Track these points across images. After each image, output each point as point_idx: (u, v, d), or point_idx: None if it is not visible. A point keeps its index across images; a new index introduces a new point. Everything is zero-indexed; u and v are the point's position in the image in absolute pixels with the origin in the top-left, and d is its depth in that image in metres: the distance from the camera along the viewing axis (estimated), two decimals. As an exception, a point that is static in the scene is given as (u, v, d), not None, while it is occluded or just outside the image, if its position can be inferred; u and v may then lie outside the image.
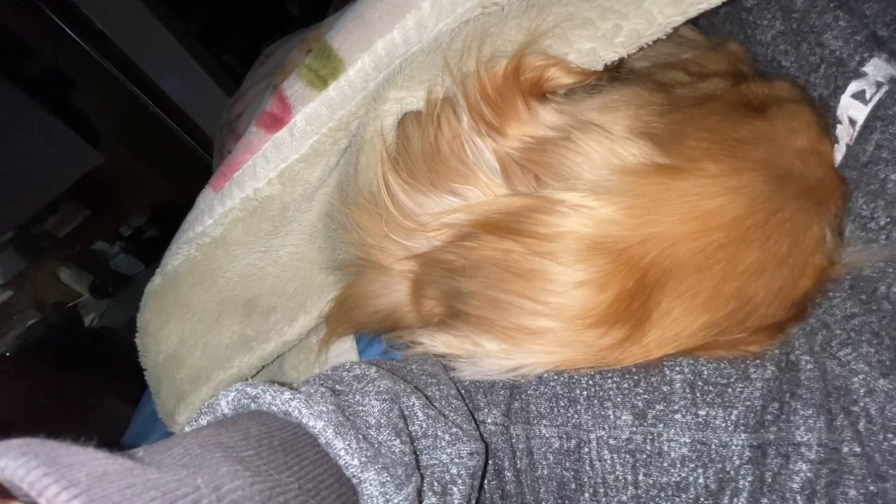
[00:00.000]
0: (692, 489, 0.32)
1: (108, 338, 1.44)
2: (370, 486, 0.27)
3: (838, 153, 0.38)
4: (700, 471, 0.32)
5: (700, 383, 0.34)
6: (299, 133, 0.45)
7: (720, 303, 0.34)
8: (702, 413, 0.33)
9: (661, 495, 0.33)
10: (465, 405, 0.39)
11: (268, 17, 1.92)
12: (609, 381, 0.35)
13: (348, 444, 0.28)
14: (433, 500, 0.32)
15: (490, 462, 0.38)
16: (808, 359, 0.33)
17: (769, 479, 0.31)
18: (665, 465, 0.33)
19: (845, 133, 0.38)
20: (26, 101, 1.17)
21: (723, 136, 0.36)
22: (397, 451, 0.30)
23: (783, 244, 0.34)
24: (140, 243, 1.59)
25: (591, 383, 0.36)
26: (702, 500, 0.32)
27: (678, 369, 0.34)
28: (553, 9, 0.40)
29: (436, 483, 0.32)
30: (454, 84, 0.39)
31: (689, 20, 0.38)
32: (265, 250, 0.51)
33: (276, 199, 0.47)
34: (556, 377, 0.37)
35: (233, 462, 0.23)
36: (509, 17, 0.40)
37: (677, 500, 0.32)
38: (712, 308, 0.34)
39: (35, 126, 1.19)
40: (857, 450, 0.29)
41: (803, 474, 0.30)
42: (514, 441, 0.37)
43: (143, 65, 1.42)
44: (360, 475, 0.27)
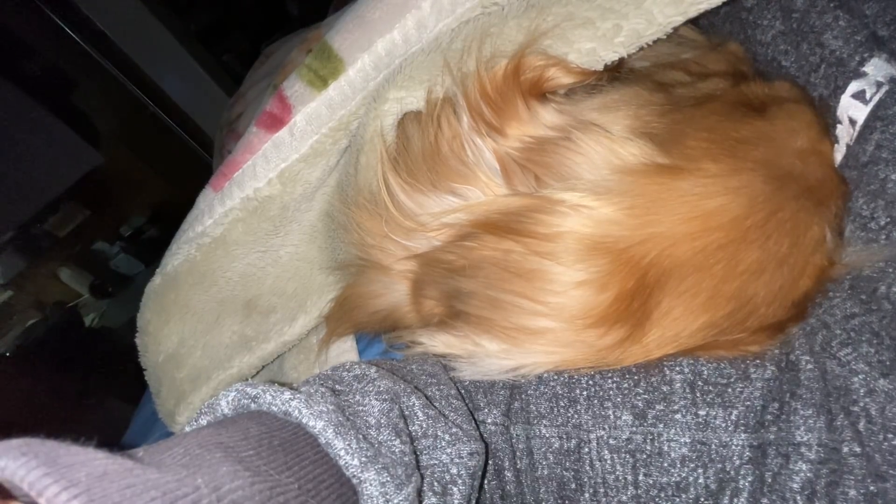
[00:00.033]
0: (692, 489, 0.32)
1: (108, 338, 1.44)
2: (370, 486, 0.27)
3: (838, 153, 0.38)
4: (700, 471, 0.32)
5: (700, 383, 0.34)
6: (299, 133, 0.45)
7: (720, 303, 0.34)
8: (702, 413, 0.33)
9: (662, 495, 0.33)
10: (465, 405, 0.39)
11: (268, 17, 1.92)
12: (609, 381, 0.35)
13: (348, 444, 0.28)
14: (433, 500, 0.32)
15: (490, 462, 0.38)
16: (808, 359, 0.33)
17: (769, 479, 0.30)
18: (665, 465, 0.33)
19: (845, 133, 0.38)
20: (26, 101, 1.17)
21: (723, 136, 0.36)
22: (397, 451, 0.30)
23: (783, 244, 0.34)
24: (140, 243, 1.59)
25: (591, 383, 0.36)
26: (702, 500, 0.32)
27: (678, 369, 0.34)
28: (553, 9, 0.40)
29: (436, 483, 0.32)
30: (454, 84, 0.39)
31: (690, 20, 0.38)
32: (265, 250, 0.51)
33: (276, 198, 0.47)
34: (556, 377, 0.37)
35: (233, 462, 0.23)
36: (509, 17, 0.40)
37: (677, 500, 0.32)
38: (712, 308, 0.34)
39: (35, 126, 1.19)
40: (858, 450, 0.29)
41: (803, 474, 0.30)
42: (514, 441, 0.37)
43: (143, 65, 1.42)
44: (360, 475, 0.27)
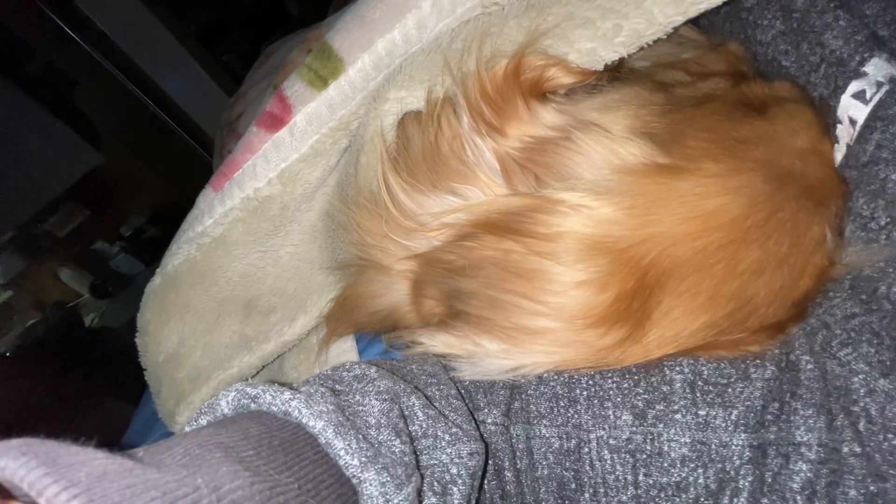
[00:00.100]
0: (692, 489, 0.32)
1: (108, 338, 1.44)
2: (370, 486, 0.27)
3: (839, 153, 0.38)
4: (700, 471, 0.32)
5: (700, 383, 0.34)
6: (299, 133, 0.45)
7: (720, 303, 0.34)
8: (702, 413, 0.33)
9: (662, 495, 0.33)
10: (465, 405, 0.39)
11: (268, 17, 1.92)
12: (609, 381, 0.35)
13: (348, 444, 0.28)
14: (433, 500, 0.32)
15: (490, 462, 0.38)
16: (808, 359, 0.33)
17: (769, 479, 0.30)
18: (665, 465, 0.32)
19: (845, 133, 0.38)
20: (26, 101, 1.17)
21: (723, 136, 0.36)
22: (397, 451, 0.30)
23: (783, 244, 0.34)
24: (140, 243, 1.59)
25: (591, 383, 0.36)
26: (702, 500, 0.32)
27: (678, 369, 0.34)
28: (553, 8, 0.40)
29: (436, 483, 0.32)
30: (454, 84, 0.39)
31: (690, 20, 0.38)
32: (265, 250, 0.51)
33: (277, 198, 0.47)
34: (556, 377, 0.37)
35: (233, 462, 0.23)
36: (510, 16, 0.40)
37: (677, 500, 0.32)
38: (712, 308, 0.34)
39: (35, 126, 1.19)
40: (858, 450, 0.29)
41: (803, 474, 0.30)
42: (514, 441, 0.37)
43: (143, 65, 1.42)
44: (360, 475, 0.27)
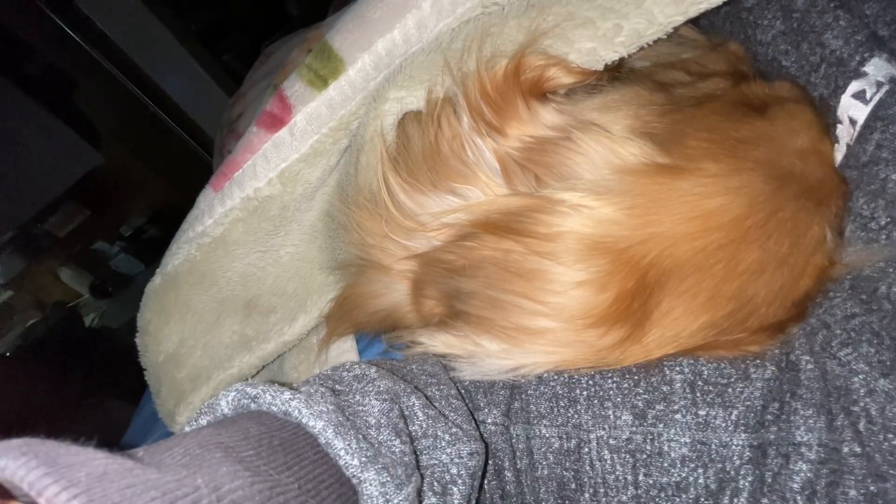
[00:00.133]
0: (692, 489, 0.32)
1: (108, 338, 1.45)
2: (370, 486, 0.27)
3: (839, 153, 0.38)
4: (700, 471, 0.32)
5: (700, 383, 0.34)
6: (299, 133, 0.45)
7: (720, 303, 0.34)
8: (702, 413, 0.33)
9: (662, 495, 0.33)
10: (465, 405, 0.39)
11: (268, 17, 1.92)
12: (609, 381, 0.35)
13: (348, 444, 0.28)
14: (433, 500, 0.32)
15: (490, 462, 0.38)
16: (808, 359, 0.33)
17: (769, 479, 0.30)
18: (665, 465, 0.32)
19: (846, 133, 0.38)
20: (26, 101, 1.17)
21: (723, 136, 0.36)
22: (397, 451, 0.30)
23: (783, 244, 0.34)
24: (140, 243, 1.59)
25: (591, 383, 0.36)
26: (702, 500, 0.32)
27: (678, 369, 0.34)
28: (553, 8, 0.40)
29: (436, 483, 0.32)
30: (454, 84, 0.39)
31: (690, 20, 0.38)
32: (265, 250, 0.51)
33: (277, 198, 0.47)
34: (556, 377, 0.37)
35: (233, 462, 0.23)
36: (510, 16, 0.40)
37: (677, 500, 0.32)
38: (712, 308, 0.34)
39: (35, 126, 1.19)
40: (858, 450, 0.29)
41: (803, 474, 0.30)
42: (514, 441, 0.37)
43: (143, 65, 1.42)
44: (360, 475, 0.27)
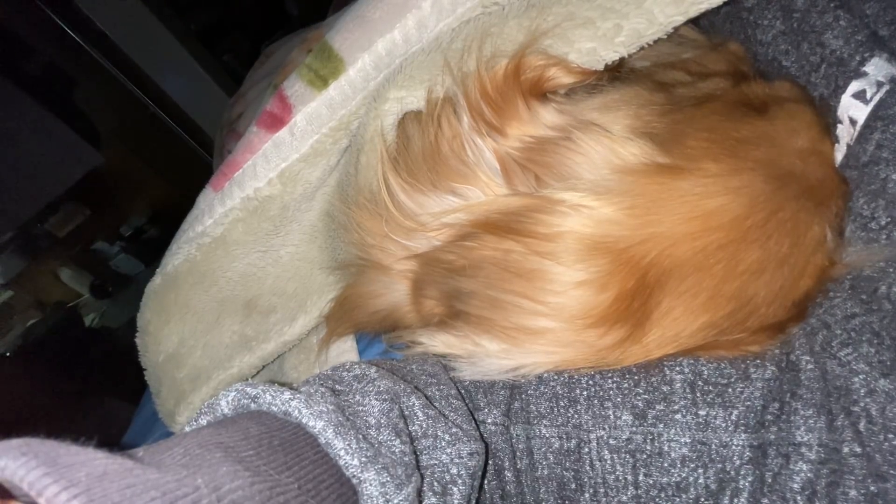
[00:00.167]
0: (692, 489, 0.32)
1: (108, 338, 1.45)
2: (370, 486, 0.27)
3: (839, 153, 0.38)
4: (700, 471, 0.32)
5: (700, 383, 0.34)
6: (300, 133, 0.45)
7: (720, 303, 0.34)
8: (702, 413, 0.33)
9: (662, 495, 0.33)
10: (465, 405, 0.39)
11: (268, 17, 1.92)
12: (609, 381, 0.35)
13: (348, 444, 0.28)
14: (433, 500, 0.32)
15: (490, 462, 0.38)
16: (808, 359, 0.33)
17: (769, 480, 0.30)
18: (665, 465, 0.32)
19: (846, 133, 0.38)
20: (26, 101, 1.17)
21: (723, 136, 0.36)
22: (397, 451, 0.30)
23: (784, 244, 0.34)
24: (140, 243, 1.59)
25: (591, 383, 0.36)
26: (702, 500, 0.32)
27: (678, 369, 0.34)
28: (554, 8, 0.40)
29: (436, 483, 0.32)
30: (454, 84, 0.39)
31: (690, 20, 0.38)
32: (265, 250, 0.51)
33: (277, 198, 0.47)
34: (556, 377, 0.37)
35: (233, 462, 0.23)
36: (510, 16, 0.40)
37: (677, 500, 0.32)
38: (712, 308, 0.34)
39: (35, 126, 1.19)
40: (858, 450, 0.29)
41: (804, 474, 0.30)
42: (514, 441, 0.37)
43: (143, 65, 1.43)
44: (360, 475, 0.27)
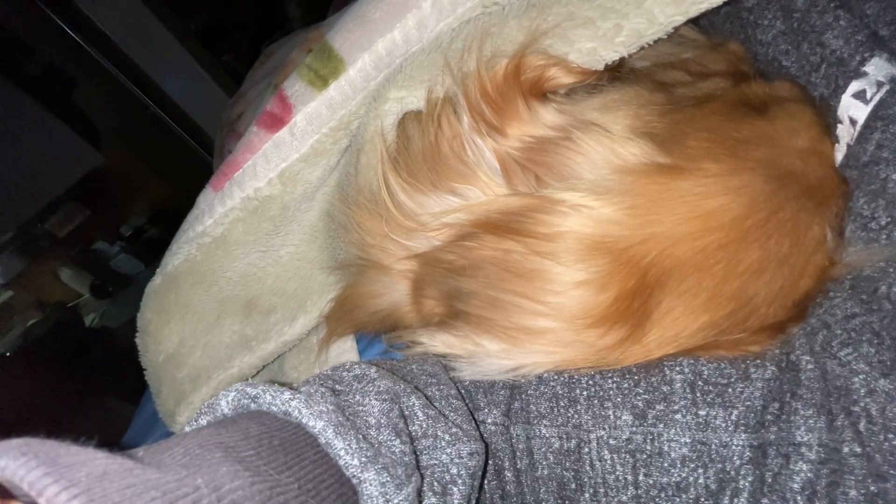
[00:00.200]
0: (692, 489, 0.32)
1: (108, 338, 1.45)
2: (370, 486, 0.27)
3: (839, 153, 0.38)
4: (700, 471, 0.32)
5: (700, 383, 0.34)
6: (300, 133, 0.45)
7: (720, 303, 0.34)
8: (702, 413, 0.33)
9: (662, 495, 0.33)
10: (465, 405, 0.39)
11: (268, 17, 1.92)
12: (609, 381, 0.35)
13: (348, 444, 0.28)
14: (433, 500, 0.32)
15: (490, 462, 0.38)
16: (808, 359, 0.33)
17: (769, 480, 0.30)
18: (665, 465, 0.32)
19: (846, 133, 0.38)
20: (26, 101, 1.17)
21: (723, 136, 0.36)
22: (397, 451, 0.30)
23: (784, 244, 0.34)
24: (140, 243, 1.59)
25: (591, 383, 0.36)
26: (702, 500, 0.32)
27: (678, 369, 0.34)
28: (554, 8, 0.40)
29: (436, 483, 0.32)
30: (454, 84, 0.39)
31: (690, 20, 0.38)
32: (265, 250, 0.51)
33: (277, 198, 0.47)
34: (556, 377, 0.37)
35: (233, 462, 0.23)
36: (510, 16, 0.40)
37: (677, 500, 0.32)
38: (713, 308, 0.34)
39: (35, 126, 1.19)
40: (858, 450, 0.29)
41: (804, 474, 0.30)
42: (514, 441, 0.37)
43: (143, 65, 1.42)
44: (360, 475, 0.27)
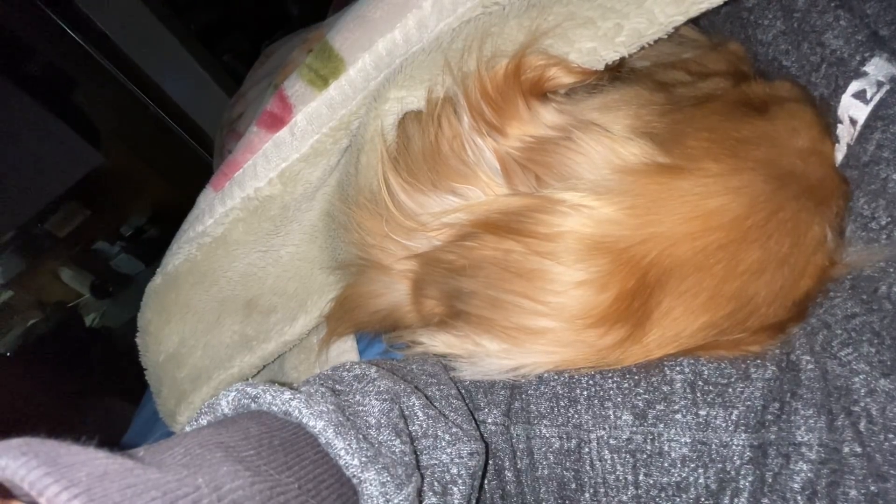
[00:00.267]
0: (693, 489, 0.32)
1: (109, 338, 1.45)
2: (370, 486, 0.27)
3: (839, 153, 0.38)
4: (700, 471, 0.32)
5: (700, 383, 0.34)
6: (300, 132, 0.45)
7: (721, 303, 0.34)
8: (702, 413, 0.33)
9: (662, 495, 0.33)
10: (466, 405, 0.39)
11: (268, 17, 1.92)
12: (609, 380, 0.35)
13: (348, 444, 0.28)
14: (433, 500, 0.32)
15: (490, 462, 0.38)
16: (808, 359, 0.33)
17: (770, 479, 0.30)
18: (665, 465, 0.32)
19: (846, 132, 0.38)
20: (26, 101, 1.17)
21: (724, 136, 0.36)
22: (397, 451, 0.30)
23: (784, 244, 0.34)
24: (140, 243, 1.59)
25: (591, 383, 0.36)
26: (702, 500, 0.32)
27: (679, 369, 0.34)
28: (554, 8, 0.40)
29: (436, 483, 0.32)
30: (455, 83, 0.39)
31: (690, 20, 0.38)
32: (266, 250, 0.51)
33: (277, 198, 0.47)
34: (556, 377, 0.37)
35: (233, 462, 0.23)
36: (510, 16, 0.40)
37: (678, 500, 0.32)
38: (713, 308, 0.34)
39: (35, 126, 1.19)
40: (858, 450, 0.29)
41: (804, 474, 0.30)
42: (514, 441, 0.37)
43: (143, 65, 1.43)
44: (360, 475, 0.27)
